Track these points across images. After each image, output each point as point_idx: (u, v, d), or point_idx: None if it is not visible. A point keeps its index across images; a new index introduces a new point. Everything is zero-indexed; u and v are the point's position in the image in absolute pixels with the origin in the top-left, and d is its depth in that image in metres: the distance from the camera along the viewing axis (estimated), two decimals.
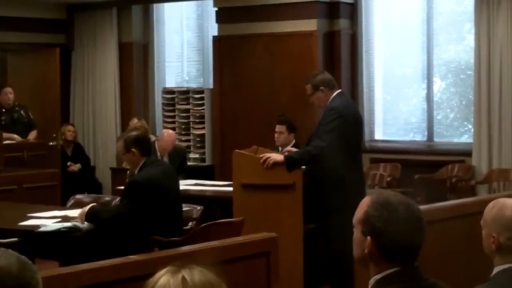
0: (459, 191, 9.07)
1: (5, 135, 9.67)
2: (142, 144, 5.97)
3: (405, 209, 2.57)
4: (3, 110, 10.69)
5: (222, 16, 10.53)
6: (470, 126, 9.64)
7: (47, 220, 5.92)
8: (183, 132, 11.05)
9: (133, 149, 5.92)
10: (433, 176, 9.28)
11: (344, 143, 6.39)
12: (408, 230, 2.55)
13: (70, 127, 10.95)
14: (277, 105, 9.82)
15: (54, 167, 9.36)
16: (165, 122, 11.22)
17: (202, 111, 10.91)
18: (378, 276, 2.58)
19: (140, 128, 10.14)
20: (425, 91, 9.93)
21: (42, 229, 5.64)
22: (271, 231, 4.45)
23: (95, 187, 10.69)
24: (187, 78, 11.76)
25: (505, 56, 9.00)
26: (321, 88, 6.53)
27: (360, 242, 2.59)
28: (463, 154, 9.44)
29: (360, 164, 6.76)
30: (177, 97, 11.13)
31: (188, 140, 11.01)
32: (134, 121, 10.41)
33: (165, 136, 9.09)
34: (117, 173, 10.59)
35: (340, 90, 6.65)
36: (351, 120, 6.47)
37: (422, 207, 2.70)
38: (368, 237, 2.55)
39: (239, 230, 5.58)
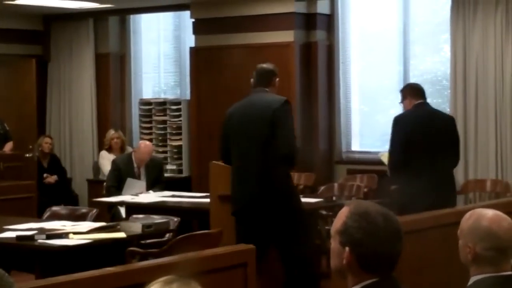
0: None
1: None
2: None
3: (384, 219, 2.57)
4: None
5: (199, 27, 10.53)
6: None
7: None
8: (160, 144, 11.03)
9: None
10: None
11: (404, 149, 6.81)
12: (386, 241, 2.55)
13: (47, 139, 10.89)
14: None
15: (30, 179, 9.29)
16: (142, 133, 11.18)
17: (179, 122, 10.90)
18: (356, 287, 2.58)
19: (117, 139, 10.18)
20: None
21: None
22: None
23: (71, 199, 10.64)
24: (164, 89, 11.74)
25: (481, 67, 9.03)
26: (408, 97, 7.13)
27: (338, 253, 2.58)
28: None
29: (422, 169, 6.83)
30: (154, 108, 11.10)
31: (165, 152, 10.98)
32: (111, 133, 10.39)
33: (142, 147, 9.06)
34: (94, 184, 10.56)
35: (420, 101, 7.03)
36: (410, 128, 6.87)
37: (399, 217, 2.70)
38: (347, 248, 2.55)
39: (217, 242, 5.57)
